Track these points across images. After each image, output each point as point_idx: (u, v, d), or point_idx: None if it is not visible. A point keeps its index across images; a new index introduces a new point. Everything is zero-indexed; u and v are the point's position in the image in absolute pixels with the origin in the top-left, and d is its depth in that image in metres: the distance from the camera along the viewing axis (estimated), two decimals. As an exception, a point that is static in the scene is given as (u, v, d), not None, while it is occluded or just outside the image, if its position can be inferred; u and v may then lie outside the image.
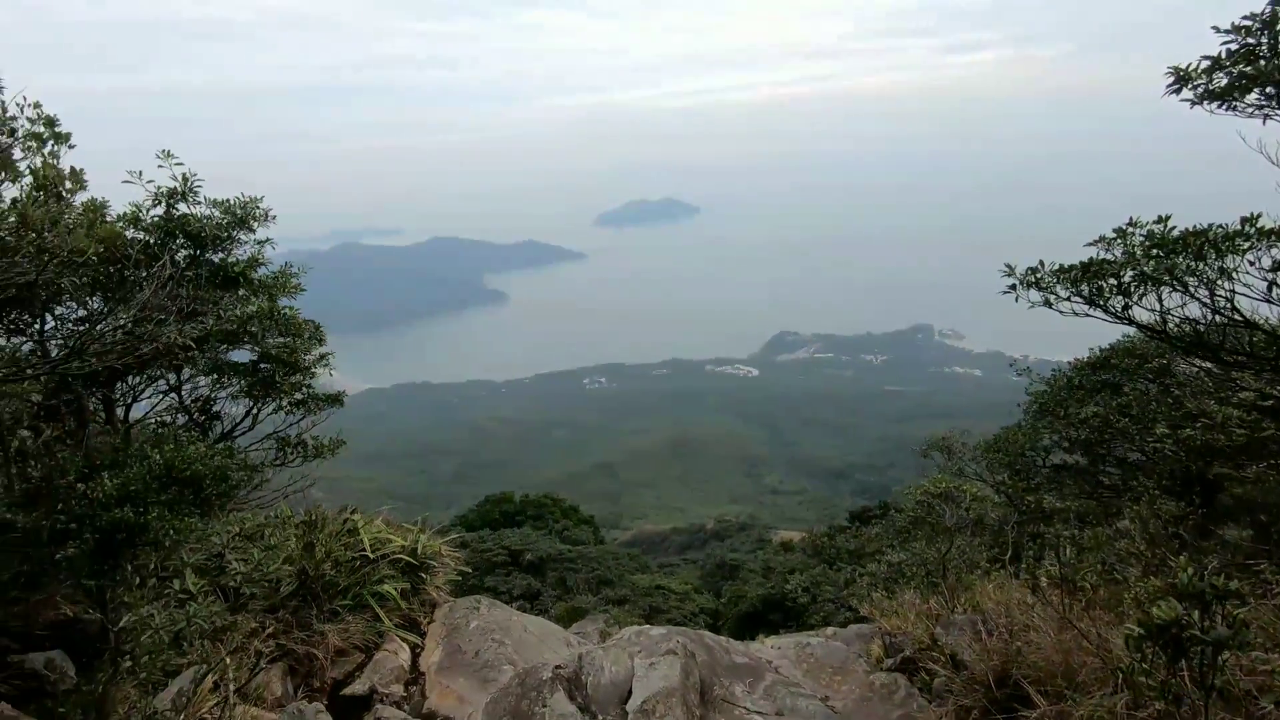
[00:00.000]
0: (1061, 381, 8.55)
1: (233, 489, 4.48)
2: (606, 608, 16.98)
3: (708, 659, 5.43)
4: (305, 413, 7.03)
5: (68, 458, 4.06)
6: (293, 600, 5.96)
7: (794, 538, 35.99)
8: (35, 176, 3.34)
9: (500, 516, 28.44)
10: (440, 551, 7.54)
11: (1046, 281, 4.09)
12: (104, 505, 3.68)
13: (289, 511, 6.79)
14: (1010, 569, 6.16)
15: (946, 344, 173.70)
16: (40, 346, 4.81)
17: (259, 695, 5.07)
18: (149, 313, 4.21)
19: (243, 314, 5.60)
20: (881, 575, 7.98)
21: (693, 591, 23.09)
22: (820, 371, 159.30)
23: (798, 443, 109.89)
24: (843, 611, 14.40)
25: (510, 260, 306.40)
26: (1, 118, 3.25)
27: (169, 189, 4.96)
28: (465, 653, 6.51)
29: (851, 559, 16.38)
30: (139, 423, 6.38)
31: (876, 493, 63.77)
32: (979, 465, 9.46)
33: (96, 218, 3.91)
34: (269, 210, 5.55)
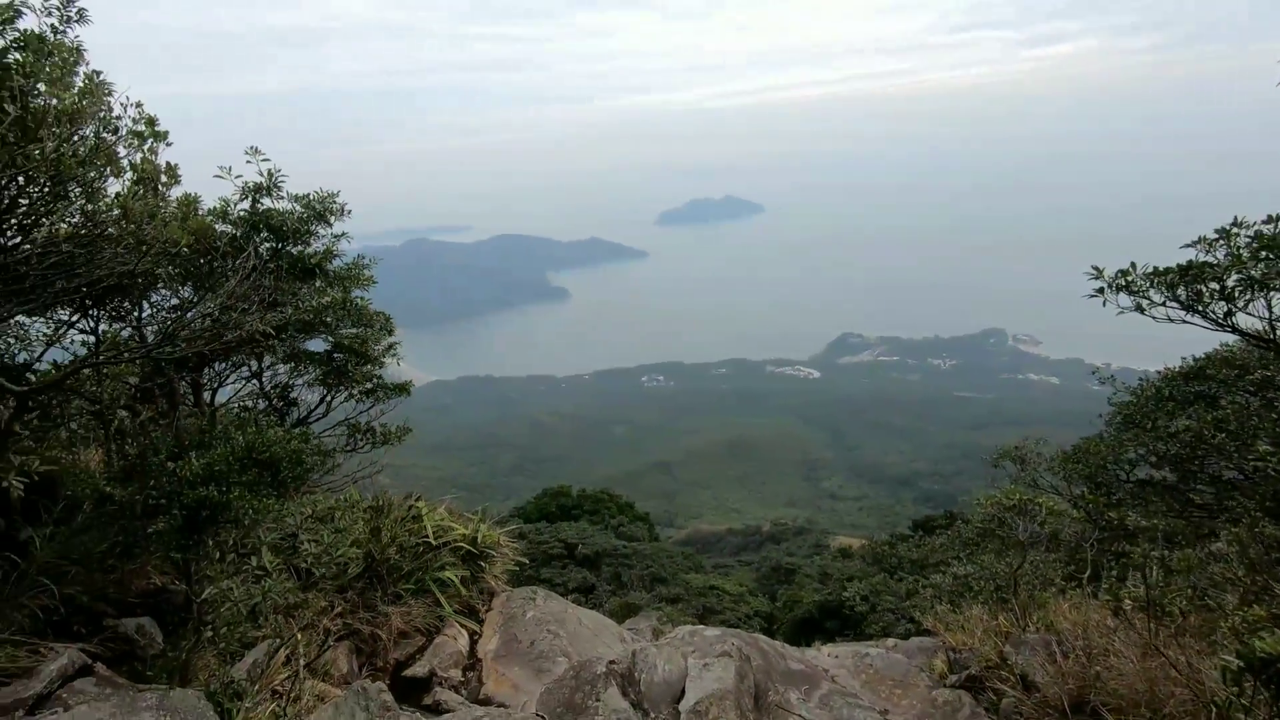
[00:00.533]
0: (1149, 392, 8.03)
1: (307, 472, 4.68)
2: (660, 605, 16.99)
3: (762, 663, 5.34)
4: (374, 401, 7.29)
5: (160, 437, 4.32)
6: (359, 582, 6.18)
7: (853, 544, 35.15)
8: (136, 171, 3.57)
9: (557, 510, 28.83)
10: (499, 541, 7.69)
11: (1139, 285, 3.81)
12: (191, 483, 3.90)
13: (357, 496, 7.05)
14: (1088, 589, 5.82)
15: (1020, 349, 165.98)
16: (138, 332, 5.14)
17: (326, 671, 5.29)
18: (234, 302, 4.44)
19: (319, 304, 5.84)
20: (946, 587, 7.66)
21: (747, 594, 22.86)
22: (885, 375, 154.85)
23: (859, 447, 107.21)
24: (903, 623, 13.95)
25: (573, 258, 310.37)
26: (108, 117, 3.47)
27: (255, 184, 5.22)
28: (521, 642, 6.62)
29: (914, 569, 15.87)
30: (223, 406, 6.75)
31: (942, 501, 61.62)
32: (1055, 477, 8.98)
33: (189, 211, 4.15)
34: (344, 205, 5.78)
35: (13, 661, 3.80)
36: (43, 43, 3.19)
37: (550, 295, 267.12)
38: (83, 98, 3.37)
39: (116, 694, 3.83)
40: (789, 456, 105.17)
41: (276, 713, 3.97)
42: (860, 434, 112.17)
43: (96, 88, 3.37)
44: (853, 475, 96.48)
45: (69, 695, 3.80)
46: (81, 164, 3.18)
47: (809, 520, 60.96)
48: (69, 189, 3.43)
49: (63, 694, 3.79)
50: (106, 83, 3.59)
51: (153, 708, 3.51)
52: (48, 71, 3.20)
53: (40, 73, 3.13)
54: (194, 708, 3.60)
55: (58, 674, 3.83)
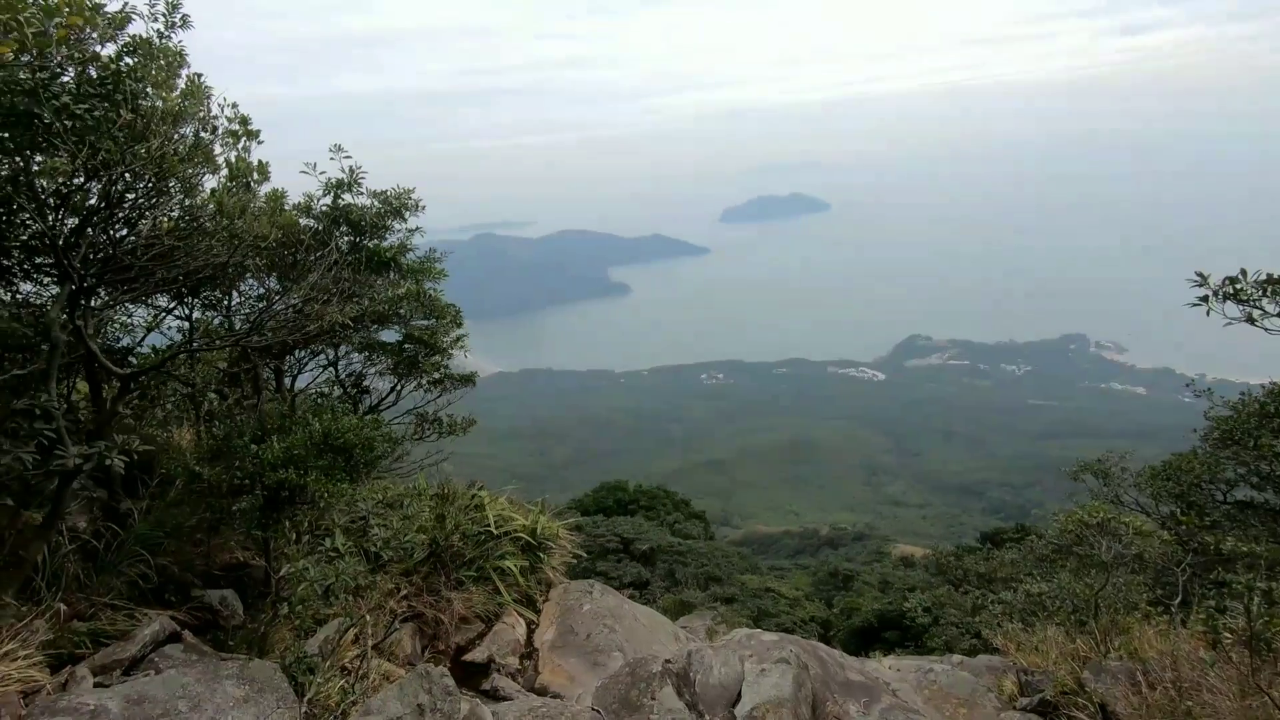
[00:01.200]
0: (1252, 408, 7.44)
1: (378, 459, 4.86)
2: (714, 605, 16.89)
3: (820, 672, 5.23)
4: (441, 391, 7.49)
5: (244, 421, 4.55)
6: (424, 566, 6.38)
7: (915, 553, 34.07)
8: (230, 169, 3.77)
9: (614, 504, 29.02)
10: (558, 533, 7.79)
11: (1249, 294, 3.50)
12: (272, 466, 4.09)
13: (424, 483, 7.27)
14: (1177, 616, 5.45)
15: (1104, 357, 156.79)
16: (227, 320, 5.44)
17: (391, 651, 5.48)
18: (316, 294, 4.64)
19: (393, 296, 6.04)
20: (1018, 605, 7.31)
21: (803, 598, 22.47)
22: (954, 379, 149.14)
23: (924, 453, 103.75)
24: (968, 639, 13.42)
25: (635, 253, 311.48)
26: (206, 117, 3.68)
27: (336, 180, 5.44)
28: (577, 634, 6.69)
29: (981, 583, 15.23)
30: (302, 392, 7.08)
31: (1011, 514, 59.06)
32: (1142, 494, 8.46)
33: (277, 206, 4.35)
34: (419, 200, 5.95)
35: (111, 624, 4.08)
36: (150, 47, 3.39)
37: (611, 291, 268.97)
38: (185, 99, 3.58)
39: (201, 661, 4.07)
40: (849, 460, 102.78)
41: (345, 689, 4.13)
42: (926, 440, 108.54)
43: (197, 89, 3.57)
44: (916, 482, 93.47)
45: (159, 659, 4.06)
46: (182, 161, 3.37)
47: (869, 526, 59.42)
48: (170, 185, 3.65)
49: (154, 658, 4.05)
50: (206, 85, 3.80)
51: (233, 676, 3.71)
52: (154, 75, 3.41)
53: (147, 76, 3.33)
54: (270, 679, 3.78)
55: (150, 639, 4.09)
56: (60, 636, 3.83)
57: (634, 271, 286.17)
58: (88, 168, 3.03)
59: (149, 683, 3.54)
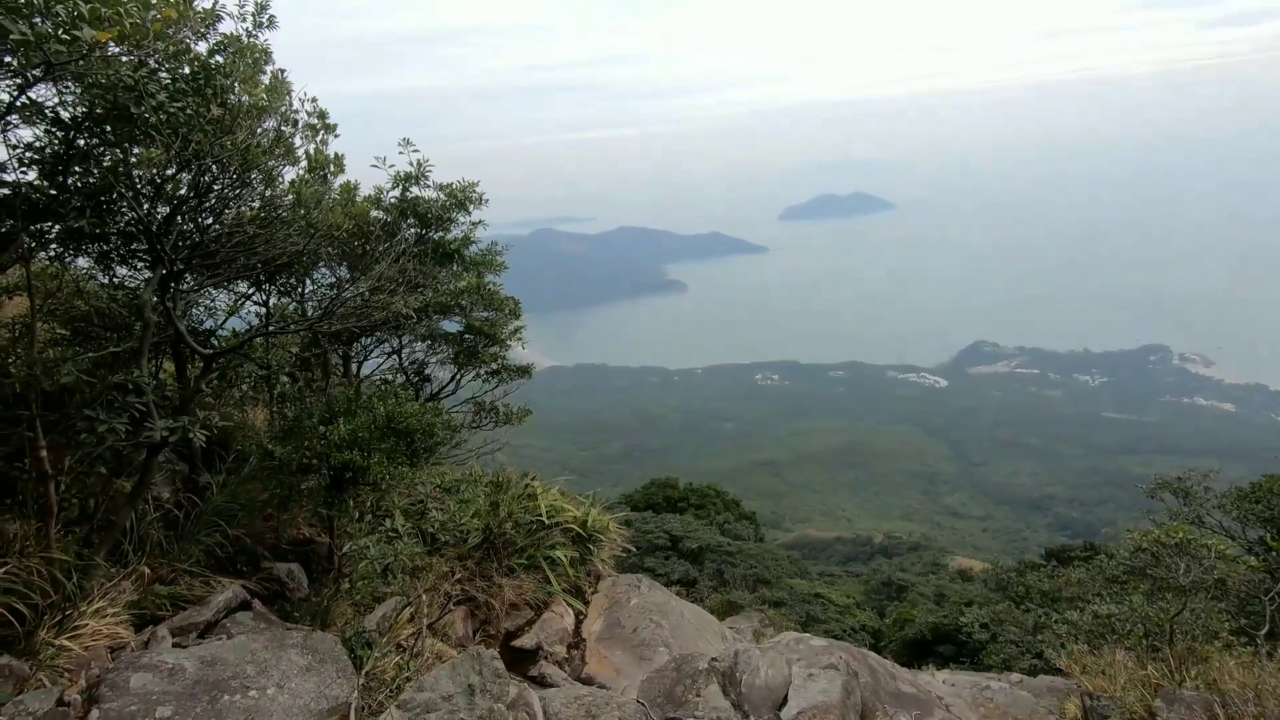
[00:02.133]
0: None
1: (438, 444, 5.00)
2: (762, 607, 16.73)
3: (870, 681, 5.12)
4: (499, 382, 7.65)
5: (313, 403, 4.76)
6: (477, 552, 6.54)
7: (974, 566, 32.92)
8: (309, 161, 3.95)
9: (664, 501, 29.04)
10: (608, 527, 7.86)
11: None
12: (337, 447, 4.27)
13: (480, 470, 7.44)
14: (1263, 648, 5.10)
15: (1189, 370, 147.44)
16: (300, 307, 5.70)
17: (444, 632, 5.64)
18: (383, 283, 4.80)
19: (456, 288, 6.20)
20: (1084, 626, 6.97)
21: (854, 606, 22.02)
22: (1022, 388, 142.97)
23: (987, 464, 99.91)
24: (1027, 658, 12.89)
25: (692, 251, 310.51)
26: (287, 112, 3.85)
27: (405, 173, 5.62)
28: (624, 627, 6.74)
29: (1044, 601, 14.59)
30: (368, 378, 7.35)
31: (1079, 531, 56.37)
32: (1226, 516, 7.95)
33: (350, 198, 4.53)
34: (483, 194, 6.09)
35: (189, 590, 4.34)
36: (239, 45, 3.57)
37: (668, 288, 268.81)
38: (269, 94, 3.76)
39: (269, 629, 4.28)
40: (907, 467, 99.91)
41: (400, 665, 4.28)
42: (989, 450, 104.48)
43: (280, 85, 3.74)
44: (977, 493, 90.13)
45: (231, 625, 4.29)
46: (265, 153, 3.54)
47: (925, 536, 57.70)
48: (252, 176, 3.85)
49: (226, 623, 4.29)
50: (288, 81, 3.98)
51: (298, 645, 3.89)
52: (241, 71, 3.59)
53: (235, 72, 3.51)
54: (331, 650, 3.95)
55: (224, 605, 4.34)
56: (144, 598, 4.10)
57: (691, 269, 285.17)
58: (180, 159, 3.22)
59: (221, 646, 3.76)
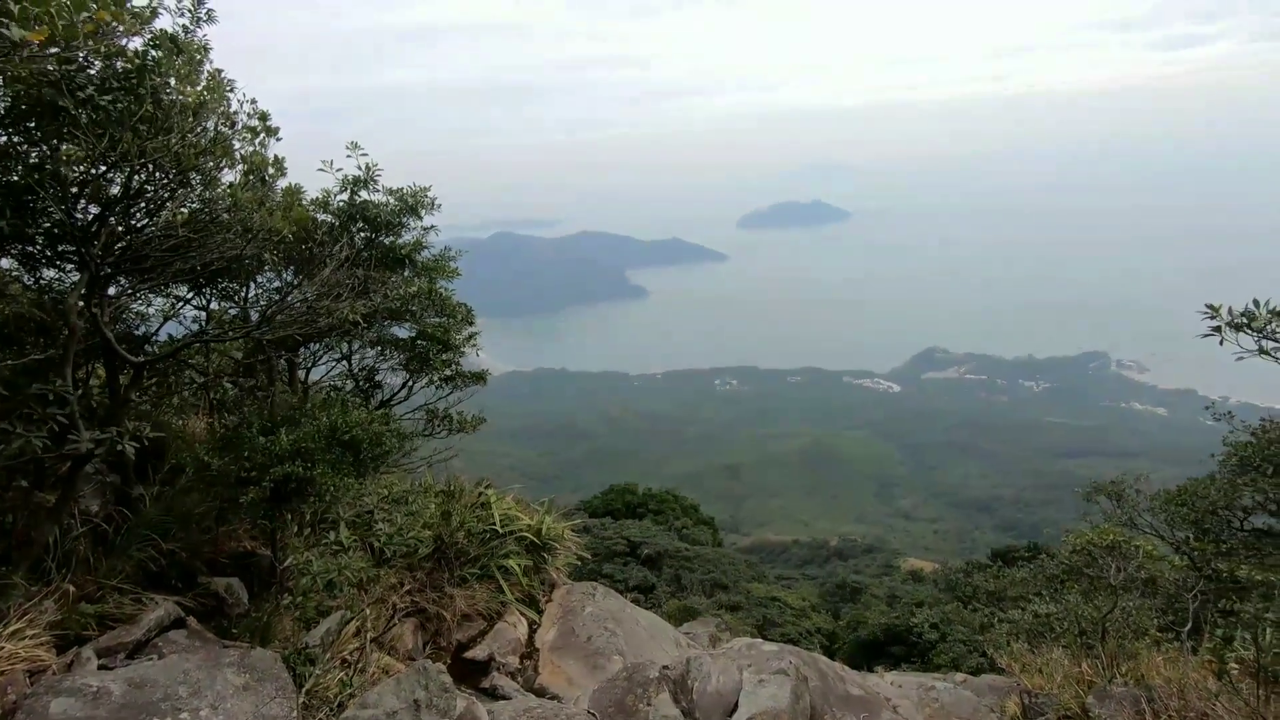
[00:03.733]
0: (1273, 434, 7.29)
1: (386, 454, 4.89)
2: (719, 612, 16.82)
3: (820, 685, 5.19)
4: (453, 388, 7.52)
5: (253, 412, 4.61)
6: (428, 562, 6.41)
7: (925, 568, 33.77)
8: (247, 163, 3.83)
9: (623, 506, 28.99)
10: (563, 534, 7.80)
11: (1263, 325, 3.40)
12: (279, 457, 4.14)
13: (431, 480, 7.31)
14: (1187, 643, 5.35)
15: (1125, 376, 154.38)
16: (243, 311, 5.51)
17: (392, 646, 5.51)
18: (329, 288, 4.69)
19: (406, 293, 6.09)
20: (1025, 625, 7.20)
21: (809, 609, 22.32)
22: (971, 394, 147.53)
23: (938, 467, 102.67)
24: (974, 656, 13.27)
25: (653, 256, 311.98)
26: (227, 112, 3.73)
27: (354, 177, 5.50)
28: (578, 636, 6.69)
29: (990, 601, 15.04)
30: (315, 385, 7.15)
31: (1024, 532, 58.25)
32: (1156, 518, 8.31)
33: (293, 201, 4.41)
34: (435, 199, 6.00)
35: (118, 608, 4.15)
36: (174, 42, 3.45)
37: (628, 293, 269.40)
38: (207, 93, 3.64)
39: (204, 647, 4.12)
40: (862, 471, 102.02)
41: (344, 681, 4.17)
42: (940, 454, 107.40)
43: (219, 84, 3.63)
44: (929, 496, 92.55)
45: (163, 644, 4.11)
46: (201, 154, 3.43)
47: (879, 539, 58.94)
48: (190, 178, 3.71)
49: (158, 642, 4.11)
50: (228, 80, 3.86)
51: (235, 664, 3.75)
52: (178, 69, 3.47)
53: (171, 70, 3.39)
54: (270, 668, 3.82)
55: (155, 624, 4.15)
56: (68, 618, 3.89)
57: (652, 274, 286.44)
58: (108, 158, 3.09)
59: (151, 667, 3.60)
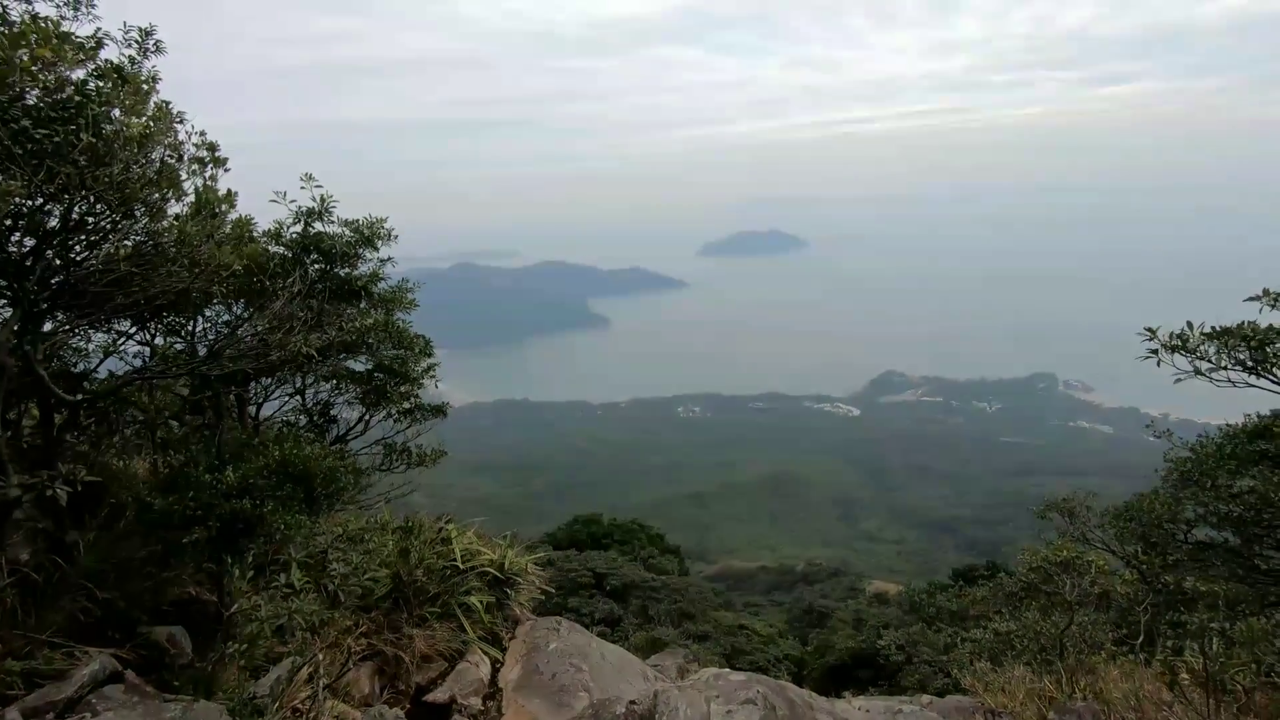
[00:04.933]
0: (1210, 449, 7.59)
1: (341, 490, 4.74)
2: (687, 642, 16.62)
3: (788, 713, 5.15)
4: (411, 421, 7.38)
5: (199, 449, 4.44)
6: (385, 602, 6.20)
7: (890, 590, 34.02)
8: (196, 196, 3.74)
9: (588, 538, 28.63)
10: (526, 568, 7.64)
11: (1196, 345, 3.58)
12: (226, 494, 3.98)
13: (389, 517, 7.11)
14: (1141, 655, 5.48)
15: (1073, 396, 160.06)
16: (190, 347, 5.33)
17: (348, 691, 5.28)
18: (281, 321, 4.57)
19: (361, 326, 5.98)
20: (987, 644, 7.30)
21: (777, 635, 22.23)
22: (927, 416, 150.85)
23: (899, 489, 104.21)
24: (940, 677, 13.34)
25: (615, 286, 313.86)
26: (174, 143, 3.66)
27: (308, 209, 5.42)
28: (542, 674, 6.52)
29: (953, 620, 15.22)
30: (267, 421, 6.93)
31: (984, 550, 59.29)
32: (1106, 533, 8.55)
33: (244, 233, 4.31)
34: (392, 230, 5.95)
35: (48, 664, 3.89)
36: (119, 73, 3.38)
37: (591, 322, 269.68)
38: (153, 123, 3.56)
39: (143, 703, 3.89)
40: (826, 495, 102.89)
41: (295, 732, 3.98)
42: (900, 475, 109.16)
43: (165, 115, 3.55)
44: (891, 518, 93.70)
45: (98, 701, 3.86)
46: (146, 186, 3.34)
47: (844, 562, 59.31)
48: (135, 210, 3.61)
49: (92, 699, 3.86)
50: (177, 111, 3.79)
51: (176, 719, 3.55)
52: (122, 100, 3.39)
53: (115, 101, 3.31)
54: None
55: (89, 679, 3.90)
56: (-9, 677, 3.64)
57: (613, 303, 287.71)
58: (44, 191, 2.98)
59: (84, 726, 3.37)
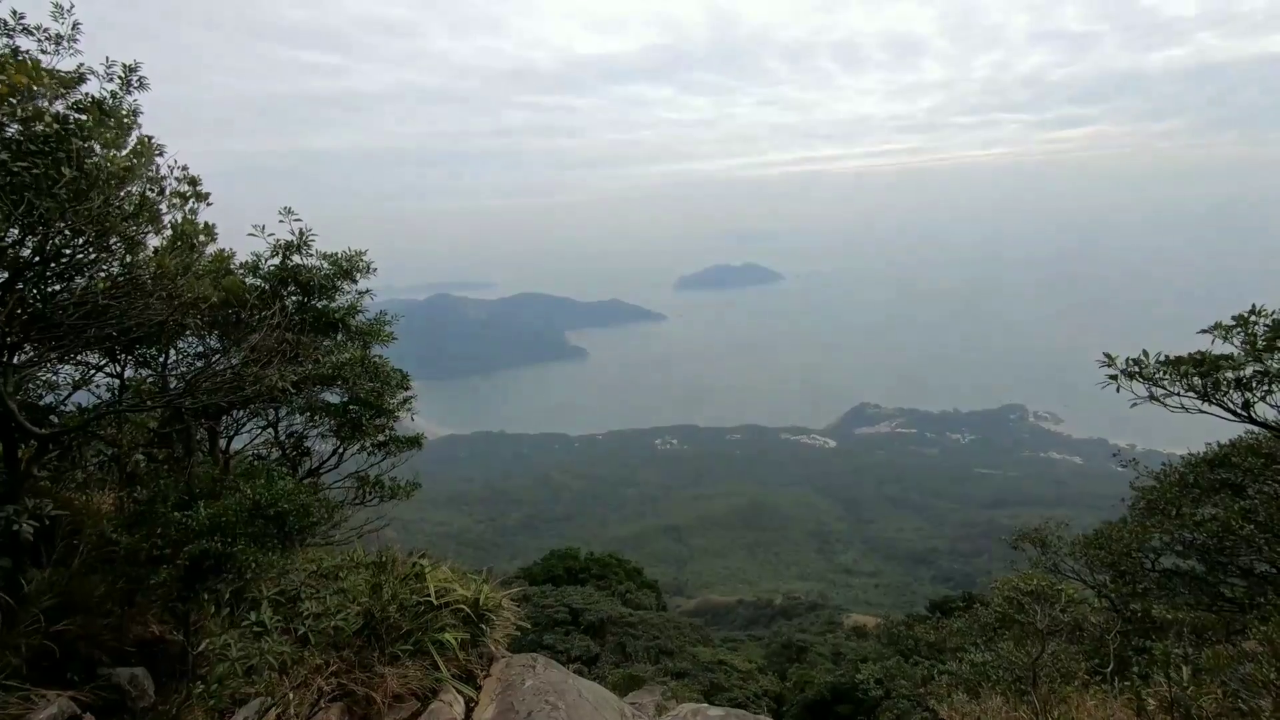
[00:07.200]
0: (1173, 477, 7.83)
1: (314, 525, 4.67)
2: (665, 679, 16.35)
3: (767, 749, 5.11)
4: (386, 454, 7.30)
5: (168, 485, 4.35)
6: (357, 640, 6.06)
7: (868, 623, 33.87)
8: (175, 230, 3.75)
9: (564, 573, 28.20)
10: (501, 604, 7.52)
11: (1151, 373, 3.76)
12: (197, 533, 3.91)
13: (362, 552, 6.98)
14: (1113, 684, 5.54)
15: (1042, 427, 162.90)
16: (161, 379, 5.26)
17: (316, 734, 5.12)
18: (258, 354, 4.55)
19: (338, 361, 5.95)
20: (964, 675, 7.32)
21: (756, 671, 21.95)
22: (902, 447, 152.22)
23: (875, 521, 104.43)
24: (919, 711, 13.26)
25: (592, 318, 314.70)
26: (155, 177, 3.67)
27: (286, 241, 5.43)
28: (518, 712, 6.38)
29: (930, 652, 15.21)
30: (238, 454, 6.81)
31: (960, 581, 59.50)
32: (1077, 562, 8.70)
33: (222, 267, 4.31)
34: (370, 263, 5.97)
35: (2, 708, 3.74)
36: (101, 107, 3.41)
37: (568, 354, 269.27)
38: (134, 157, 3.58)
39: (102, 748, 3.75)
40: (803, 527, 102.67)
41: (261, 777, 3.85)
42: (876, 507, 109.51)
43: (147, 149, 3.58)
44: (868, 550, 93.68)
45: (54, 747, 3.72)
46: (125, 220, 3.34)
47: (822, 595, 59.03)
48: (111, 242, 3.60)
49: (48, 745, 3.71)
50: (158, 144, 3.81)
51: (136, 765, 3.42)
52: (103, 134, 3.41)
53: (96, 135, 3.33)
54: (178, 767, 3.50)
55: (45, 724, 3.76)
56: (-59, 723, 3.49)
57: (591, 336, 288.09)
58: (24, 224, 2.98)
59: (39, 774, 3.24)
